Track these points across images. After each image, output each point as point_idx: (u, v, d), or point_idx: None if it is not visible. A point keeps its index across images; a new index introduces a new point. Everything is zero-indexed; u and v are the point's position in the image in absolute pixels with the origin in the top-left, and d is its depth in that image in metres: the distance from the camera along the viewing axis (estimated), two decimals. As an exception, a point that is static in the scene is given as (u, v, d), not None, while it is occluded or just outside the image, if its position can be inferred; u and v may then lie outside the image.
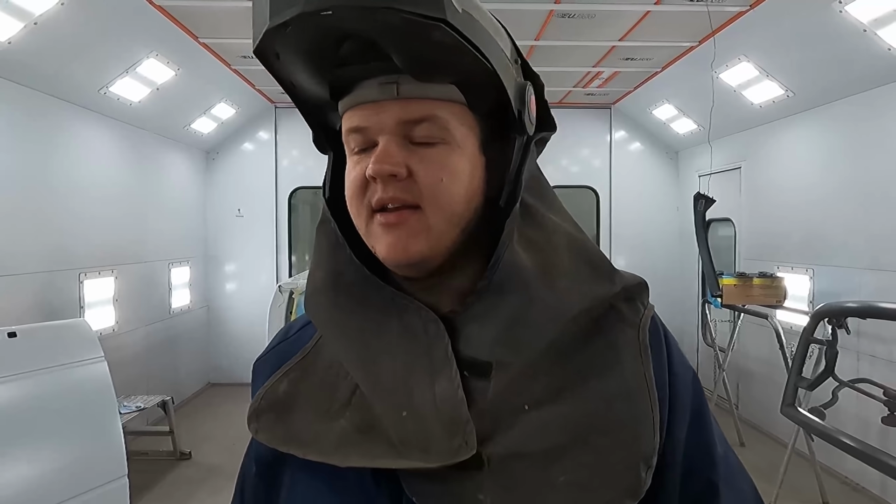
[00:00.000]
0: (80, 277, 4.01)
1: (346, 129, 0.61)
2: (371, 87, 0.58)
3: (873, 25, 3.14)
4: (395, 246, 0.59)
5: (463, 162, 0.60)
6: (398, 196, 0.58)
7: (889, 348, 3.50)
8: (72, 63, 3.65)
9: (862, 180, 3.77)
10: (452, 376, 0.57)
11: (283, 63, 0.59)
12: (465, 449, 0.55)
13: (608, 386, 0.58)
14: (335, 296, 0.64)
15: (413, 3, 0.50)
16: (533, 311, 0.59)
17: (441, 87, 0.58)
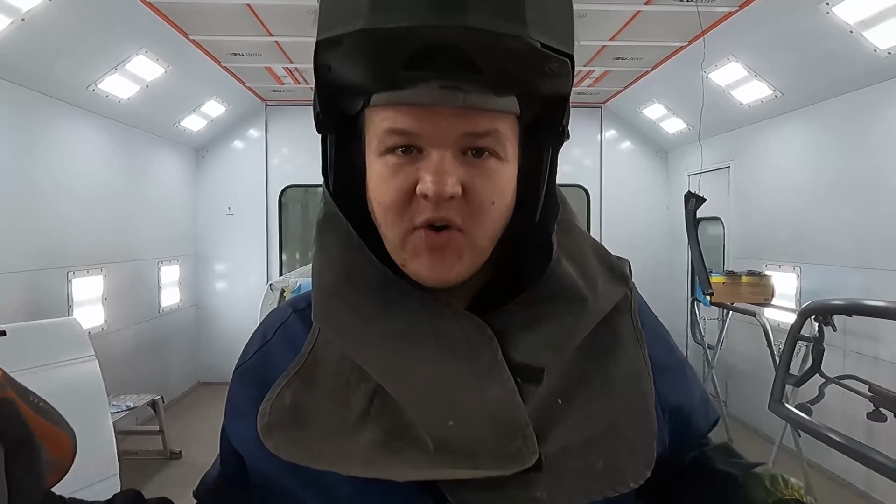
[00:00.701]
0: (68, 276, 3.98)
1: (387, 129, 0.55)
2: (430, 89, 0.52)
3: (860, 27, 3.17)
4: (438, 268, 0.57)
5: (510, 178, 0.58)
6: (450, 218, 0.55)
7: (874, 345, 3.55)
8: (60, 59, 3.61)
9: (848, 180, 3.81)
10: (506, 381, 0.56)
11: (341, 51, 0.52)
12: (527, 453, 0.54)
13: (621, 374, 0.62)
14: (354, 301, 0.59)
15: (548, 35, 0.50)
16: (580, 316, 0.60)
17: (506, 98, 0.55)
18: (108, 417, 2.86)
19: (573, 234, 0.64)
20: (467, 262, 0.57)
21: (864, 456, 1.87)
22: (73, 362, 2.78)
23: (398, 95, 0.53)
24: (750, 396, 4.83)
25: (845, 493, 3.80)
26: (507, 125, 0.56)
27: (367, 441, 0.55)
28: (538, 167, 0.61)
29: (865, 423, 2.25)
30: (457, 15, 0.47)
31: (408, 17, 0.48)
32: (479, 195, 0.55)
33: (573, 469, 0.56)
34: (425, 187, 0.53)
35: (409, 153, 0.55)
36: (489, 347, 0.57)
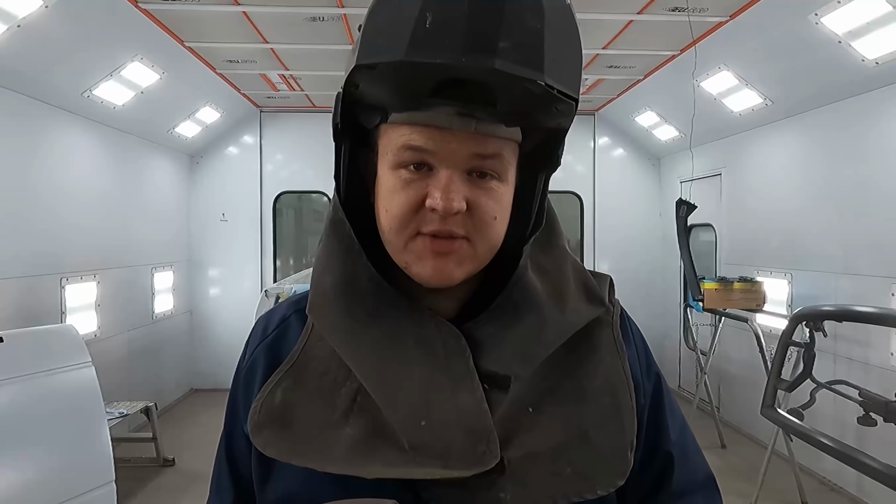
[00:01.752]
0: (61, 282, 3.96)
1: (403, 144, 0.60)
2: (448, 114, 0.58)
3: (848, 37, 3.23)
4: (441, 271, 0.62)
5: (509, 198, 0.64)
6: (455, 231, 0.61)
7: (864, 351, 3.59)
8: (55, 66, 3.61)
9: (837, 187, 3.86)
10: (475, 388, 0.60)
11: (374, 75, 0.57)
12: (489, 456, 0.59)
13: (595, 384, 0.65)
14: (347, 304, 0.64)
15: (560, 82, 0.56)
16: (546, 330, 0.64)
17: (509, 129, 0.61)
18: (104, 424, 2.85)
19: (554, 254, 0.69)
20: (467, 269, 0.63)
21: (855, 460, 1.89)
22: (70, 369, 2.77)
23: (417, 116, 0.59)
24: (742, 402, 4.86)
25: (837, 497, 3.83)
26: (510, 151, 0.63)
27: (347, 437, 0.60)
28: (532, 189, 0.68)
29: (856, 427, 2.28)
30: (487, 59, 0.53)
31: (444, 55, 0.53)
32: (484, 211, 0.61)
33: (539, 474, 0.60)
34: (434, 202, 0.59)
35: (420, 170, 0.61)
36: (462, 356, 0.62)
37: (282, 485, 0.65)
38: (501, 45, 0.53)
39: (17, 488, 2.47)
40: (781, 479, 3.87)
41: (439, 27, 0.53)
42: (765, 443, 3.97)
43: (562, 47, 0.57)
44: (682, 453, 0.72)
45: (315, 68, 4.89)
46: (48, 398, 2.66)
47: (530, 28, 0.54)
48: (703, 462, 0.75)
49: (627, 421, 0.65)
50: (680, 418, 0.74)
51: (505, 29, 0.53)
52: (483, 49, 0.53)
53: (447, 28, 0.53)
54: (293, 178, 6.27)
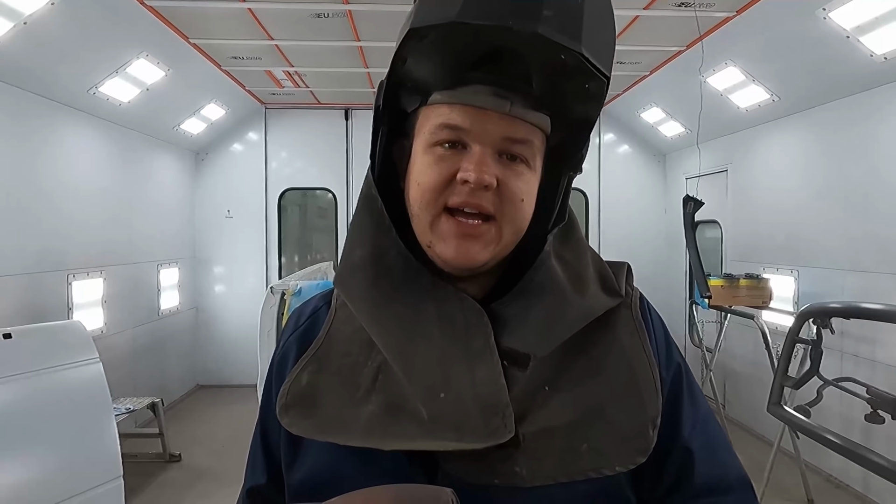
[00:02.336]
0: (68, 279, 3.98)
1: (441, 123, 0.63)
2: (485, 94, 0.62)
3: (856, 32, 3.20)
4: (465, 253, 0.64)
5: (535, 184, 0.67)
6: (482, 204, 0.63)
7: (871, 348, 3.57)
8: (61, 63, 3.62)
9: (844, 183, 3.84)
10: (494, 364, 0.62)
11: (423, 46, 0.61)
12: (503, 430, 0.59)
13: (611, 361, 0.66)
14: (375, 276, 0.66)
15: (595, 56, 0.59)
16: (567, 311, 0.65)
17: (543, 115, 0.64)
18: (112, 420, 2.86)
19: (574, 246, 0.71)
20: (491, 251, 0.65)
21: (861, 457, 1.89)
22: (77, 365, 2.79)
23: (455, 95, 0.63)
24: (748, 399, 4.85)
25: (843, 494, 3.82)
26: (538, 139, 0.65)
27: (368, 413, 0.62)
28: (555, 186, 0.70)
29: (863, 424, 2.27)
30: (532, 24, 0.57)
31: (492, 17, 0.57)
32: (512, 191, 0.64)
33: (555, 450, 0.61)
34: (467, 174, 0.62)
35: (454, 147, 0.64)
36: (483, 332, 0.64)
37: (307, 461, 0.67)
38: (545, 14, 0.57)
39: (27, 483, 2.48)
40: (787, 477, 3.86)
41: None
42: (770, 440, 3.96)
43: (599, 25, 0.60)
44: (704, 448, 0.68)
45: (320, 65, 4.89)
46: (56, 394, 2.68)
47: (571, 2, 0.58)
48: (734, 461, 0.71)
49: (648, 397, 0.64)
50: (704, 412, 0.71)
51: (549, 0, 0.57)
52: (528, 15, 0.57)
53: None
54: (298, 174, 6.28)
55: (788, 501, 3.77)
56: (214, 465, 4.19)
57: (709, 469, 0.68)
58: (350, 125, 6.28)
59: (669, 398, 0.69)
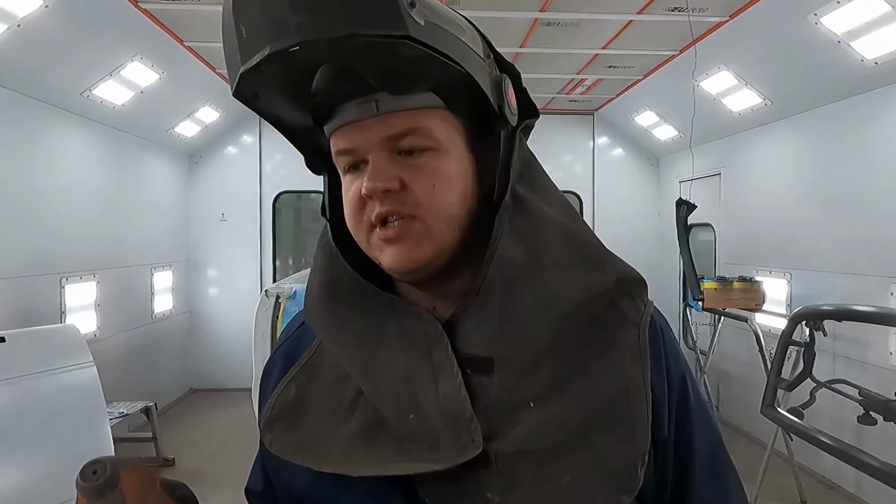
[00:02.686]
0: (61, 282, 3.96)
1: (335, 152, 0.63)
2: (350, 108, 0.60)
3: (847, 37, 3.23)
4: (399, 256, 0.61)
5: (452, 165, 0.61)
6: (395, 209, 0.60)
7: (863, 350, 3.60)
8: (55, 65, 3.61)
9: (836, 187, 3.87)
10: (454, 375, 0.58)
11: (263, 100, 0.60)
12: (471, 446, 0.56)
13: (608, 384, 0.59)
14: (332, 304, 0.66)
15: (374, 25, 0.51)
16: (523, 302, 0.59)
17: (419, 96, 0.60)
18: (106, 424, 2.85)
19: (536, 217, 0.63)
20: (429, 246, 0.61)
21: (854, 459, 1.90)
22: (71, 368, 2.78)
23: (333, 123, 0.62)
24: (742, 401, 4.87)
25: (836, 495, 3.84)
26: (429, 119, 0.60)
27: (349, 432, 0.61)
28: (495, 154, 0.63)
29: (856, 426, 2.29)
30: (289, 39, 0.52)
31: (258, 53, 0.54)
32: (419, 183, 0.60)
33: (532, 477, 0.56)
34: (364, 187, 0.60)
35: (358, 169, 0.62)
36: (441, 342, 0.60)
37: (286, 478, 0.67)
38: (297, 20, 0.52)
39: (20, 488, 2.47)
40: (781, 478, 3.88)
41: (249, 32, 0.54)
42: (764, 442, 3.98)
43: None
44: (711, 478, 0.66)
45: (314, 68, 4.89)
46: (50, 398, 2.66)
47: None
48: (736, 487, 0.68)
49: (641, 432, 0.58)
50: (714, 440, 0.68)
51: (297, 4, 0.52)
52: (284, 33, 0.52)
53: (253, 29, 0.54)
54: (292, 177, 6.26)
55: (782, 502, 3.78)
56: (208, 468, 4.17)
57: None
58: (345, 128, 6.27)
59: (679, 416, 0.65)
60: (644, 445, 0.58)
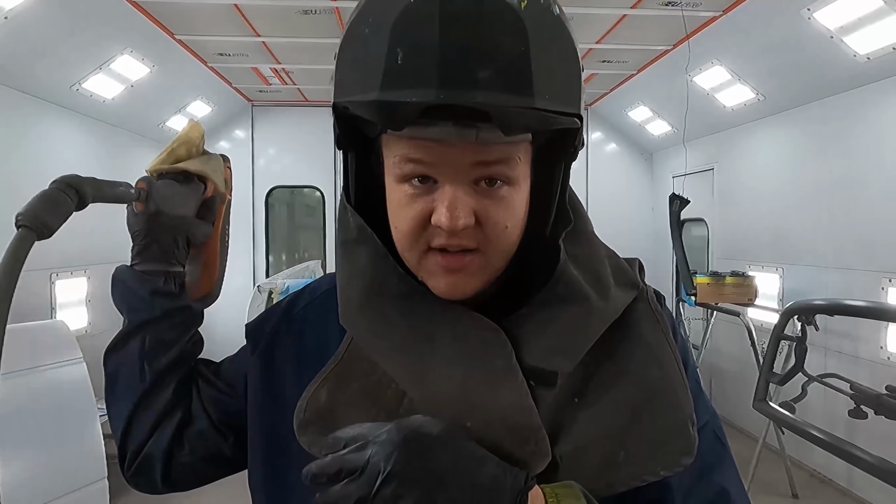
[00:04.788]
0: (51, 278, 3.92)
1: (403, 157, 0.57)
2: (447, 127, 0.53)
3: (840, 32, 3.24)
4: (454, 287, 0.60)
5: (522, 200, 0.60)
6: (463, 243, 0.58)
7: (855, 344, 3.62)
8: (43, 58, 3.56)
9: (828, 182, 3.88)
10: (519, 385, 0.58)
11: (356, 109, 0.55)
12: (539, 456, 0.56)
13: (638, 359, 0.61)
14: (379, 308, 0.62)
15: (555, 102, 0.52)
16: (591, 321, 0.61)
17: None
18: (96, 420, 2.82)
19: (588, 243, 0.66)
20: (481, 279, 0.61)
21: (845, 452, 1.91)
22: (60, 365, 2.75)
23: (415, 131, 0.55)
24: (734, 395, 4.89)
25: (826, 489, 3.87)
26: (519, 150, 0.58)
27: None
28: (550, 182, 0.63)
29: (847, 420, 2.30)
30: (466, 93, 0.49)
31: (418, 92, 0.50)
32: (493, 223, 0.58)
33: (593, 464, 0.57)
34: (439, 220, 0.56)
35: (425, 182, 0.58)
36: (503, 352, 0.59)
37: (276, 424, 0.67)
38: (481, 76, 0.49)
39: (9, 485, 2.44)
40: (772, 472, 3.90)
41: (411, 62, 0.50)
42: (756, 436, 4.00)
43: (553, 63, 0.53)
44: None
45: (307, 62, 4.86)
46: (39, 395, 2.64)
47: (513, 50, 0.50)
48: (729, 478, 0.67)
49: (682, 394, 0.60)
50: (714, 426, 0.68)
51: (484, 56, 0.49)
52: (461, 82, 0.49)
53: (420, 62, 0.50)
54: (285, 172, 6.23)
55: (773, 496, 3.81)
56: (201, 465, 4.16)
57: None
58: (338, 123, 6.24)
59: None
60: (688, 406, 0.60)
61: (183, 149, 0.80)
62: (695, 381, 0.67)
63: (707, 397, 0.70)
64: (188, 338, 0.79)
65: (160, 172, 0.78)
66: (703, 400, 0.68)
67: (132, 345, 0.76)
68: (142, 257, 0.77)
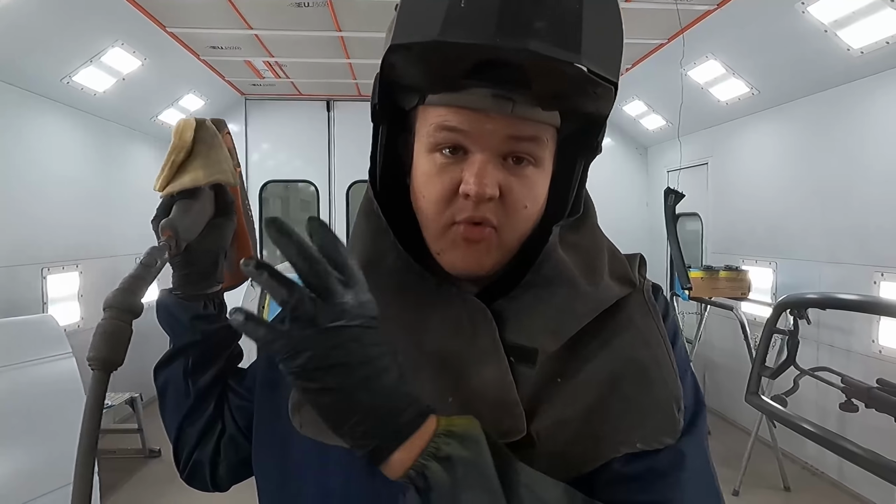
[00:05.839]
0: (42, 272, 3.90)
1: (439, 125, 0.60)
2: (484, 96, 0.57)
3: (833, 26, 3.24)
4: (470, 260, 0.62)
5: (544, 185, 0.63)
6: (486, 216, 0.60)
7: (847, 338, 3.64)
8: (34, 51, 3.53)
9: (822, 176, 3.89)
10: (500, 362, 0.60)
11: (410, 55, 0.58)
12: (515, 431, 0.58)
13: (625, 340, 0.62)
14: (374, 282, 0.62)
15: (600, 63, 0.54)
16: (578, 304, 0.62)
17: (548, 113, 0.60)
18: (86, 416, 2.81)
19: (589, 234, 0.68)
20: (495, 257, 0.63)
21: (836, 445, 1.92)
22: (49, 360, 2.73)
23: (454, 98, 0.59)
24: (727, 389, 4.92)
25: (818, 481, 3.89)
26: (547, 135, 0.62)
27: None
28: (569, 175, 0.66)
29: (838, 413, 2.31)
30: (521, 40, 0.53)
31: (477, 35, 0.53)
32: (515, 199, 0.61)
33: (573, 438, 0.58)
34: (468, 187, 0.59)
35: (455, 154, 0.60)
36: (489, 330, 0.61)
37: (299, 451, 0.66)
38: (537, 26, 0.52)
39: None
40: (765, 465, 3.93)
41: (473, 7, 0.53)
42: (749, 429, 4.02)
43: (601, 29, 0.56)
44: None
45: (301, 55, 4.83)
46: (27, 390, 2.62)
47: (568, 8, 0.54)
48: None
49: (668, 375, 0.61)
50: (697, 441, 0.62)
51: (541, 9, 0.53)
52: (517, 30, 0.52)
53: (481, 8, 0.53)
54: (280, 167, 6.21)
55: (766, 489, 3.84)
56: (195, 460, 4.15)
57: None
58: (332, 117, 6.21)
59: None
60: (675, 388, 0.60)
61: (181, 155, 0.82)
62: (684, 368, 0.66)
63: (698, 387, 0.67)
64: (227, 353, 0.84)
65: (171, 196, 0.80)
66: (694, 386, 0.66)
67: (177, 364, 0.83)
68: (182, 285, 0.82)
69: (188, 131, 0.82)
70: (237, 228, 0.87)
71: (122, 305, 0.67)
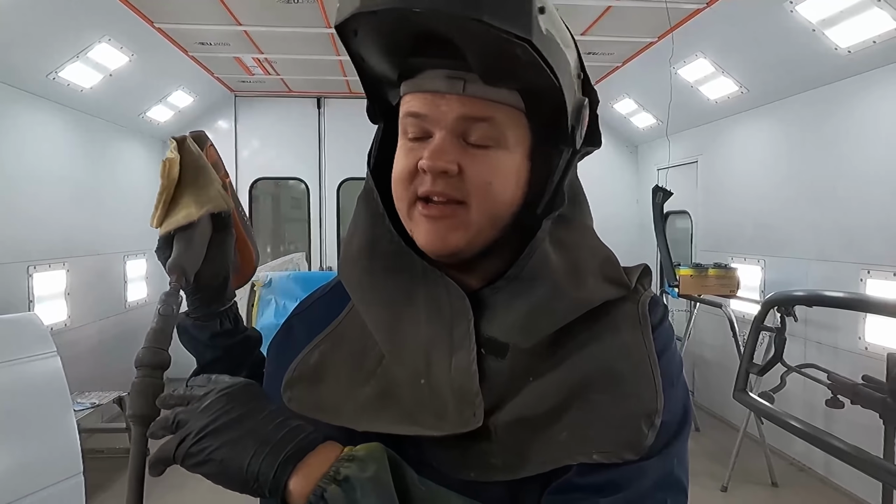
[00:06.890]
0: (28, 270, 3.85)
1: (405, 112, 0.63)
2: (437, 77, 0.60)
3: (821, 25, 3.26)
4: (432, 237, 0.62)
5: (512, 167, 0.63)
6: (445, 192, 0.61)
7: (833, 335, 3.67)
8: (18, 46, 3.48)
9: (809, 174, 3.92)
10: (469, 351, 0.61)
11: (358, 41, 0.61)
12: (473, 420, 0.59)
13: (605, 348, 0.62)
14: (370, 263, 0.67)
15: (503, 19, 0.52)
16: (556, 303, 0.62)
17: (506, 92, 0.61)
18: (71, 415, 2.78)
19: (579, 232, 0.68)
20: (464, 236, 0.62)
21: (823, 442, 1.94)
22: (33, 359, 2.69)
23: (414, 83, 0.62)
24: (716, 385, 4.95)
25: (805, 477, 3.93)
26: (507, 116, 0.61)
27: (363, 396, 0.64)
28: (547, 164, 0.65)
29: (824, 410, 2.33)
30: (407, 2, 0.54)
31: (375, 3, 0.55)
32: (476, 174, 0.61)
33: (532, 439, 0.59)
34: (423, 162, 0.61)
35: (421, 140, 0.62)
36: (465, 319, 0.62)
37: None
38: None
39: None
40: (753, 461, 3.96)
41: None
42: (737, 426, 4.05)
43: None
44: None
45: (290, 52, 4.80)
46: (10, 389, 2.58)
47: None
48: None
49: (645, 389, 0.59)
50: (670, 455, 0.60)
51: None
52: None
53: None
54: (270, 164, 6.17)
55: (754, 485, 3.87)
56: (184, 459, 4.13)
57: None
58: (322, 114, 6.18)
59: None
60: (650, 403, 0.59)
61: (174, 188, 0.85)
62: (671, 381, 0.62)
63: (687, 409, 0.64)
64: (250, 361, 0.88)
65: (169, 234, 0.84)
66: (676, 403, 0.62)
67: None
68: (197, 308, 0.86)
69: (174, 169, 0.84)
70: (236, 235, 0.90)
71: (153, 363, 0.71)
